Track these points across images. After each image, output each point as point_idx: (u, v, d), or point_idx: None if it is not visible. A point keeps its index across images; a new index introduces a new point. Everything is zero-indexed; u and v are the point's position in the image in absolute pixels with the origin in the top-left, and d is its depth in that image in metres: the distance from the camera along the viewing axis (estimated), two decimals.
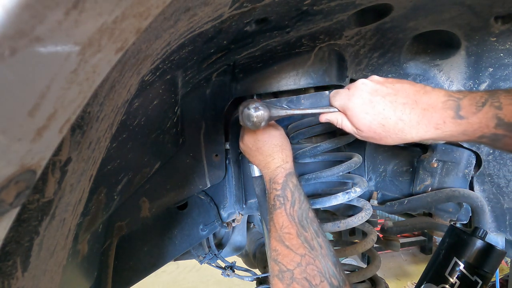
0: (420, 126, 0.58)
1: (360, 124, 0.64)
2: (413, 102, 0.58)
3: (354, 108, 0.64)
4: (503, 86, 0.87)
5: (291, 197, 0.71)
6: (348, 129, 0.68)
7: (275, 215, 0.69)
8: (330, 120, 0.72)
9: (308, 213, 0.69)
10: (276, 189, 0.73)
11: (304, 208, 0.69)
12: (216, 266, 1.47)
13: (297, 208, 0.69)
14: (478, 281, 0.82)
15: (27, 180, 0.25)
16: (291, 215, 0.68)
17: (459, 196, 0.97)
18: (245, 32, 0.69)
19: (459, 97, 0.55)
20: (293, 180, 0.74)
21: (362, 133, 0.65)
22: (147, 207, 0.88)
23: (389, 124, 0.60)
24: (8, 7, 0.18)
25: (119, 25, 0.25)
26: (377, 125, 0.61)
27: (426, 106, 0.57)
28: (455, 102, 0.55)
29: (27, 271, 0.32)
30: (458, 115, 0.54)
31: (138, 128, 0.65)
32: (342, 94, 0.68)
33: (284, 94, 0.93)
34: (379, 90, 0.62)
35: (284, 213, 0.68)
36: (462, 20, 0.79)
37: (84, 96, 0.27)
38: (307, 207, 0.70)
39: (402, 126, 0.59)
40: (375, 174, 1.14)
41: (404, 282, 3.48)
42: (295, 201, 0.70)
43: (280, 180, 0.74)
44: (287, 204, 0.70)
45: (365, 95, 0.63)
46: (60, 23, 0.21)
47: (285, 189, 0.72)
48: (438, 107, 0.56)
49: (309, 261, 0.60)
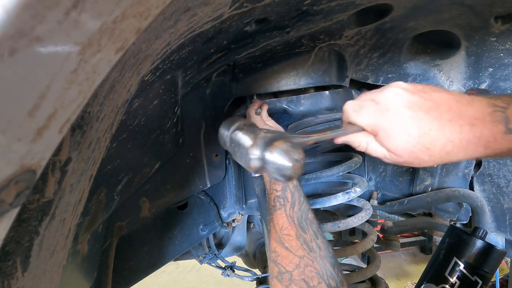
0: (469, 145, 0.47)
1: (398, 147, 0.50)
2: (459, 117, 0.47)
3: (390, 127, 0.50)
4: (503, 86, 0.87)
5: (291, 198, 0.71)
6: (377, 154, 0.55)
7: (275, 216, 0.69)
8: (350, 143, 0.59)
9: (308, 214, 0.69)
10: (276, 190, 0.73)
11: (304, 210, 0.69)
12: (216, 266, 1.47)
13: (297, 210, 0.69)
14: (478, 281, 0.82)
15: (27, 180, 0.25)
16: (291, 216, 0.68)
17: (459, 196, 0.97)
18: (245, 32, 0.69)
19: (504, 106, 0.46)
20: (294, 181, 0.74)
21: (399, 158, 0.52)
22: (147, 207, 0.88)
23: (437, 147, 0.48)
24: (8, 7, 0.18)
25: (119, 25, 0.25)
26: (422, 148, 0.48)
27: (473, 121, 0.46)
28: (502, 113, 0.45)
29: (27, 271, 0.32)
30: (508, 129, 0.45)
31: (138, 128, 0.65)
32: (368, 108, 0.53)
33: (284, 94, 0.93)
34: (417, 102, 0.49)
35: (284, 214, 0.68)
36: (462, 20, 0.79)
37: (84, 96, 0.27)
38: (307, 208, 0.70)
39: (451, 149, 0.48)
40: (375, 174, 1.14)
41: (404, 282, 3.48)
42: (295, 203, 0.70)
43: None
44: (287, 205, 0.70)
45: (403, 111, 0.49)
46: (60, 23, 0.21)
47: (285, 190, 0.72)
48: (486, 121, 0.46)
49: (308, 262, 0.60)
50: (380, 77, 0.95)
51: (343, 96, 0.93)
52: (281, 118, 0.98)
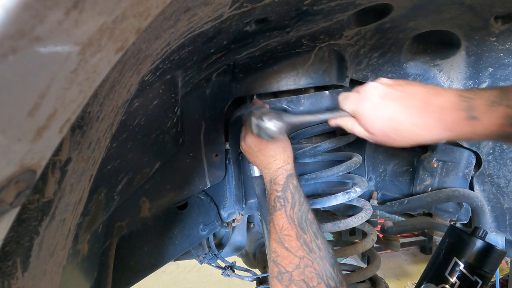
0: (434, 129, 0.57)
1: (372, 128, 0.63)
2: (425, 105, 0.58)
3: (365, 112, 0.64)
4: (503, 86, 0.86)
5: (291, 198, 0.71)
6: (360, 134, 0.68)
7: (275, 217, 0.70)
8: (340, 125, 0.71)
9: (308, 215, 0.69)
10: (276, 190, 0.73)
11: (304, 210, 0.70)
12: (216, 266, 1.47)
13: (297, 210, 0.69)
14: (478, 281, 0.82)
15: (27, 180, 0.25)
16: (291, 217, 0.68)
17: (459, 196, 0.97)
18: (245, 32, 0.69)
19: (470, 97, 0.54)
20: (294, 181, 0.75)
21: (375, 137, 0.65)
22: (147, 207, 0.88)
23: (403, 128, 0.59)
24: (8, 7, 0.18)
25: (119, 25, 0.25)
26: (390, 129, 0.61)
27: (438, 109, 0.57)
28: (466, 103, 0.54)
29: (27, 271, 0.32)
30: (470, 115, 0.54)
31: (138, 128, 0.65)
32: (352, 98, 0.67)
33: (284, 94, 0.93)
34: (390, 93, 0.61)
35: (284, 215, 0.69)
36: (462, 20, 0.79)
37: (84, 96, 0.27)
38: (307, 209, 0.70)
39: (415, 130, 0.59)
40: (375, 174, 1.14)
41: (404, 282, 3.48)
42: (295, 203, 0.70)
43: (281, 182, 0.74)
44: (287, 206, 0.70)
45: (376, 99, 0.62)
46: (60, 23, 0.21)
47: (286, 191, 0.72)
48: (449, 109, 0.55)
49: (307, 263, 0.61)
50: (380, 77, 0.95)
51: None
52: None
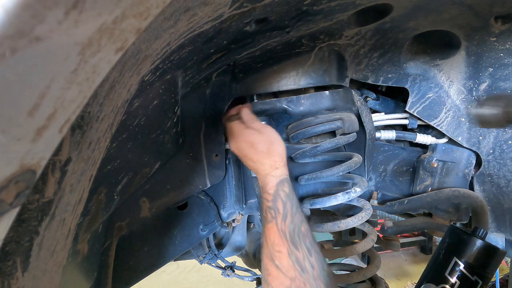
0: None
1: None
2: None
3: None
4: (503, 86, 0.87)
5: (282, 209, 0.67)
6: None
7: (267, 230, 0.66)
8: None
9: (301, 227, 0.65)
10: (267, 199, 0.70)
11: (297, 222, 0.66)
12: (216, 266, 1.47)
13: (289, 222, 0.65)
14: (478, 281, 0.82)
15: (27, 180, 0.25)
16: (282, 230, 0.64)
17: (459, 196, 0.97)
18: (245, 32, 0.69)
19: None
20: (285, 188, 0.70)
21: None
22: (147, 207, 0.88)
23: None
24: (8, 7, 0.18)
25: (119, 25, 0.25)
26: None
27: None
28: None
29: (27, 271, 0.32)
30: None
31: (138, 128, 0.65)
32: None
33: (284, 94, 0.93)
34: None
35: (276, 228, 0.65)
36: (462, 20, 0.79)
37: (84, 96, 0.27)
38: (300, 220, 0.66)
39: None
40: (375, 174, 1.14)
41: (404, 282, 3.48)
42: (287, 214, 0.66)
43: (271, 190, 0.70)
44: (278, 217, 0.66)
45: None
46: (60, 23, 0.21)
47: (276, 200, 0.68)
48: None
49: (299, 285, 0.58)
50: (380, 77, 0.95)
51: (343, 96, 0.93)
52: (281, 118, 0.98)
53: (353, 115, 0.92)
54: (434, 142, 1.02)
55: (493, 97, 0.88)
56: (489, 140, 0.94)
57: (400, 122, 1.04)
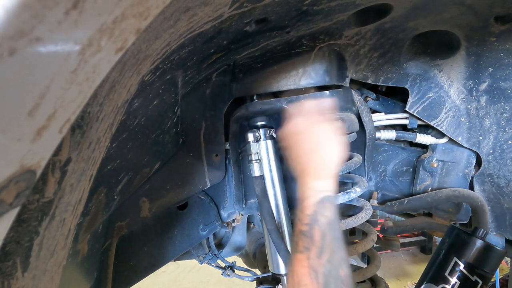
0: None
1: None
2: None
3: None
4: (503, 86, 0.87)
5: (320, 241, 0.51)
6: None
7: (295, 262, 0.51)
8: None
9: (339, 270, 0.50)
10: (301, 221, 0.54)
11: (336, 263, 0.50)
12: (216, 266, 1.47)
13: (325, 261, 0.50)
14: (478, 281, 0.82)
15: (27, 180, 0.25)
16: (315, 269, 0.49)
17: (459, 196, 0.97)
18: (245, 32, 0.69)
19: None
20: (327, 212, 0.54)
21: None
22: (147, 207, 0.88)
23: None
24: (8, 7, 0.18)
25: (119, 25, 0.25)
26: None
27: None
28: None
29: (27, 271, 0.32)
30: None
31: (138, 128, 0.65)
32: None
33: (284, 94, 0.93)
34: None
35: (306, 263, 0.50)
36: (462, 20, 0.79)
37: (84, 96, 0.27)
38: (340, 261, 0.51)
39: None
40: (375, 174, 1.14)
41: (404, 282, 3.48)
42: (324, 249, 0.51)
43: (308, 211, 0.54)
44: (312, 250, 0.51)
45: None
46: (60, 23, 0.21)
47: (313, 226, 0.52)
48: None
49: None
50: (380, 77, 0.95)
51: (343, 96, 0.92)
52: (281, 118, 0.98)
53: (353, 115, 0.92)
54: (434, 142, 1.02)
55: None
56: (489, 140, 0.94)
57: (400, 122, 1.04)
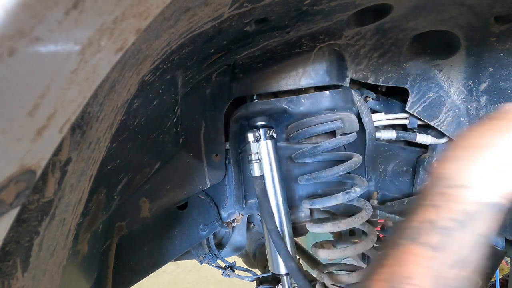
0: None
1: None
2: None
3: None
4: (503, 86, 0.87)
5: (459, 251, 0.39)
6: None
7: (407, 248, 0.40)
8: None
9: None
10: (445, 212, 0.40)
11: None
12: (216, 266, 1.47)
13: (456, 275, 0.38)
14: (478, 281, 0.82)
15: (27, 180, 0.25)
16: (444, 278, 0.37)
17: None
18: (245, 32, 0.69)
19: None
20: (485, 223, 0.40)
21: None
22: (147, 207, 0.88)
23: None
24: (8, 7, 0.18)
25: (119, 25, 0.25)
26: None
27: None
28: None
29: (27, 271, 0.32)
30: None
31: (138, 128, 0.65)
32: None
33: (284, 94, 0.93)
34: None
35: (426, 263, 0.38)
36: (462, 20, 0.79)
37: (84, 96, 0.27)
38: None
39: None
40: (375, 174, 1.14)
41: None
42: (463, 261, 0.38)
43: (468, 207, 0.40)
44: (442, 254, 0.38)
45: None
46: (60, 23, 0.21)
47: (461, 228, 0.39)
48: None
49: None
50: (380, 77, 0.95)
51: (343, 96, 0.93)
52: (281, 118, 0.98)
53: (353, 115, 0.92)
54: (434, 142, 1.02)
55: None
56: None
57: (400, 122, 1.04)
